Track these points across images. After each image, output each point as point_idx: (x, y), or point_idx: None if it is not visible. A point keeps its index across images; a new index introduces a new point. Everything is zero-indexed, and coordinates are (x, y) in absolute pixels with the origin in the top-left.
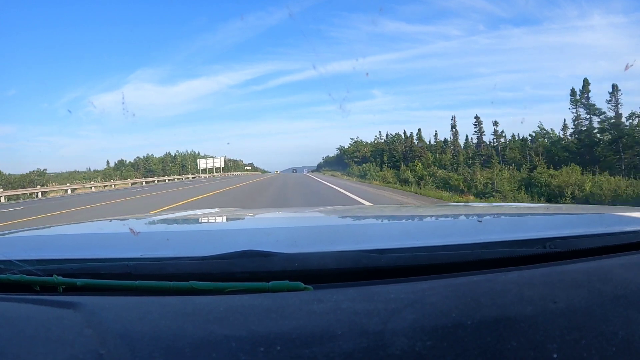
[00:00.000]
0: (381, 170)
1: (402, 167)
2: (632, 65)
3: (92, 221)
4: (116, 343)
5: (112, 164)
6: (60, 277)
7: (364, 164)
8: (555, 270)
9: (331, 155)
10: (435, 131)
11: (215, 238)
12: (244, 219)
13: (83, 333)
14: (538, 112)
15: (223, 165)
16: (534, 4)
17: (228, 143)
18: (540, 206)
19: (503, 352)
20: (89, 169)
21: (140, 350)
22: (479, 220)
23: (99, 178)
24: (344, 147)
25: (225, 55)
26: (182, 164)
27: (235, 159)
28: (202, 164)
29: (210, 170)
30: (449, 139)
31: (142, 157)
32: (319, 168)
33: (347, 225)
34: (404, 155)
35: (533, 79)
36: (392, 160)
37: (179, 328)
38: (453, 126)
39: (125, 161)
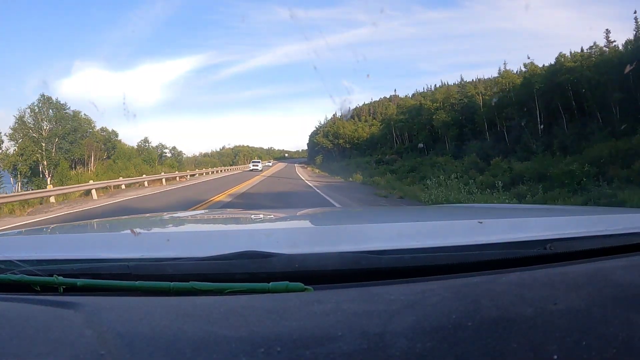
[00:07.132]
0: None
1: None
2: None
3: (93, 221)
4: (116, 343)
5: None
6: (60, 277)
7: None
8: (556, 272)
9: None
10: None
11: (216, 239)
12: (243, 219)
13: (83, 333)
14: None
15: None
16: None
17: None
18: (540, 207)
19: (503, 354)
20: None
21: (141, 351)
22: (479, 222)
23: None
24: None
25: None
26: None
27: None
28: None
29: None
30: None
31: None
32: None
33: (347, 226)
34: None
35: None
36: None
37: (179, 329)
38: None
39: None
